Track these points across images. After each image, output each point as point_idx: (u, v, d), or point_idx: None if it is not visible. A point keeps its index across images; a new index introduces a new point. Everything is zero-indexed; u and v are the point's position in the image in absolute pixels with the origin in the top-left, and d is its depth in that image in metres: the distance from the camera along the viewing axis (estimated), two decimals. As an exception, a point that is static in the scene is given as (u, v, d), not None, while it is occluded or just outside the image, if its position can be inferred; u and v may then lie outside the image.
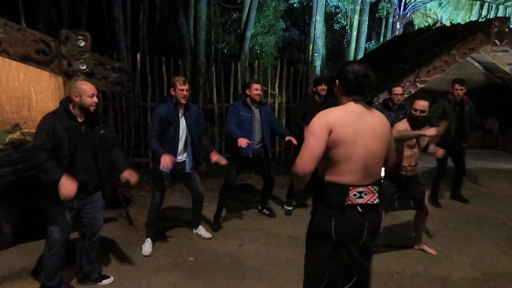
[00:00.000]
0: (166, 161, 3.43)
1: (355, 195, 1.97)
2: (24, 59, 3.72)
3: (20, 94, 4.19)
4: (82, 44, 3.86)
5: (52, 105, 4.18)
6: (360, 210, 1.98)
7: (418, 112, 3.47)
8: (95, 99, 2.83)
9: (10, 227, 3.80)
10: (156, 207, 3.89)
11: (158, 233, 4.10)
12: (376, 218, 2.05)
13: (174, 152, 3.75)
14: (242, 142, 4.02)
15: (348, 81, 2.00)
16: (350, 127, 1.92)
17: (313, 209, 2.14)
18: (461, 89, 4.94)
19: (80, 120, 2.83)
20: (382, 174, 2.20)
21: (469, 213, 5.00)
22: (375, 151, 1.99)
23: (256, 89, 4.29)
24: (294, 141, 4.31)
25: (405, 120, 3.64)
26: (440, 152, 3.68)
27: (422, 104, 3.47)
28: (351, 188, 1.96)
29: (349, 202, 1.96)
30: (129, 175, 2.99)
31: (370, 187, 2.00)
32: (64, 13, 8.84)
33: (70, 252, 3.07)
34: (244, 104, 4.33)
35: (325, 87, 4.75)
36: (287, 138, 4.35)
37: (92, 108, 2.83)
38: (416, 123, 3.51)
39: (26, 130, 3.83)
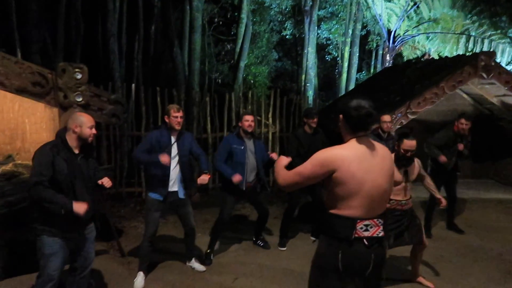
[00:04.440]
0: (165, 159, 3.54)
1: (361, 228, 1.99)
2: (20, 91, 3.74)
3: (14, 125, 4.19)
4: (79, 76, 3.90)
5: (46, 135, 4.18)
6: (366, 243, 2.00)
7: (409, 152, 3.50)
8: (93, 130, 2.88)
9: (0, 260, 3.70)
10: (149, 239, 3.83)
11: (151, 266, 4.02)
12: (381, 251, 2.07)
13: (166, 180, 3.73)
14: (236, 178, 4.08)
15: (351, 118, 2.02)
16: (356, 165, 1.95)
17: (319, 241, 2.16)
18: (466, 124, 5.01)
19: (76, 152, 2.83)
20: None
21: (464, 244, 4.99)
22: (381, 186, 2.02)
23: (247, 120, 4.31)
24: (275, 156, 4.39)
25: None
26: (444, 203, 3.72)
27: (410, 144, 3.48)
28: (358, 221, 1.98)
29: (356, 235, 1.98)
30: (104, 180, 2.98)
31: (375, 220, 2.02)
32: (60, 44, 8.96)
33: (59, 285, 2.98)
34: (238, 136, 4.36)
35: (316, 120, 4.73)
36: (270, 155, 4.43)
37: (90, 139, 2.87)
38: (404, 161, 3.55)
39: (19, 162, 3.80)
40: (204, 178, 3.78)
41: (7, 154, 4.11)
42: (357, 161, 1.96)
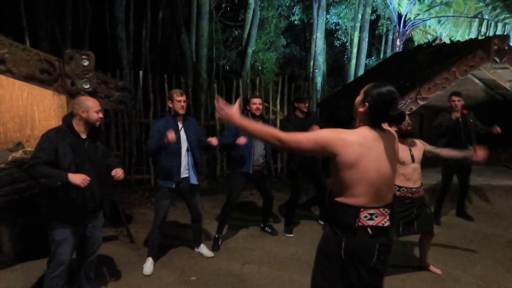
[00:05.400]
0: (171, 135, 3.49)
1: (365, 216, 1.97)
2: (28, 78, 3.75)
3: (24, 113, 4.22)
4: (86, 63, 3.89)
5: (55, 123, 4.21)
6: (370, 232, 1.98)
7: (408, 125, 3.53)
8: (100, 114, 2.88)
9: (12, 245, 3.77)
10: (159, 225, 3.86)
11: (160, 252, 4.06)
12: (386, 241, 2.04)
13: (178, 167, 3.75)
14: (241, 140, 4.08)
15: (380, 114, 1.97)
16: (361, 153, 1.92)
17: (325, 228, 2.15)
18: (458, 100, 4.97)
19: (83, 137, 2.84)
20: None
21: (474, 231, 4.95)
22: (387, 174, 2.00)
23: (254, 104, 4.31)
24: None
25: None
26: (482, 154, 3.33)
27: (408, 119, 3.52)
28: (362, 210, 1.96)
29: (359, 224, 1.97)
30: (118, 171, 2.97)
31: (381, 209, 2.00)
32: (68, 31, 8.95)
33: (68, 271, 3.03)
34: None
35: (307, 105, 4.74)
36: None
37: (98, 123, 2.87)
38: (409, 133, 3.57)
39: (29, 149, 3.84)
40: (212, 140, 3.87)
41: (17, 141, 4.15)
42: (363, 149, 1.93)
